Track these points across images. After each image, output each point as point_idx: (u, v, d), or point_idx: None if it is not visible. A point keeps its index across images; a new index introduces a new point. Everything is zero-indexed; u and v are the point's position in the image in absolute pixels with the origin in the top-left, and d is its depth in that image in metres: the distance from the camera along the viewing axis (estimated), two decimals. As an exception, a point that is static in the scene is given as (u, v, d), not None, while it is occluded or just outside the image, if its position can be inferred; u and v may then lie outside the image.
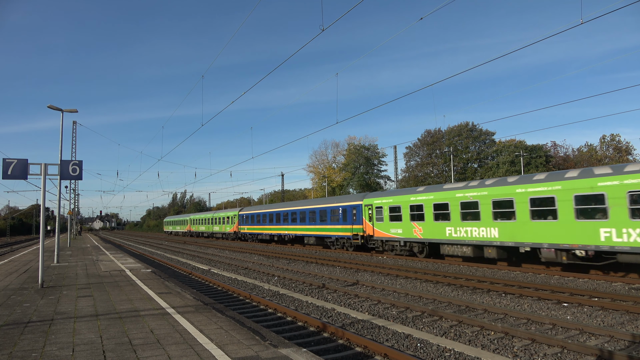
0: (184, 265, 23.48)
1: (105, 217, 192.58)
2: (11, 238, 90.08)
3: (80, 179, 13.25)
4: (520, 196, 17.29)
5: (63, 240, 41.78)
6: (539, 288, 13.21)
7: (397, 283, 15.21)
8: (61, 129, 20.03)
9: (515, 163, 57.24)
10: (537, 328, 9.06)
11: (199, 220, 66.24)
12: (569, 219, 15.59)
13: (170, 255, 32.03)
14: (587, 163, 57.36)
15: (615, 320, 9.58)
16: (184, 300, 10.13)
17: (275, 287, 15.03)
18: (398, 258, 23.40)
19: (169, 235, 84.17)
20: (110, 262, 20.92)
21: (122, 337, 6.76)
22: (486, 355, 7.18)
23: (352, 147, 74.65)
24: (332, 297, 12.92)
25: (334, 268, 20.17)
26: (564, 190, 15.78)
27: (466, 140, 65.09)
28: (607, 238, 14.43)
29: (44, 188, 12.42)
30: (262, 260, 25.15)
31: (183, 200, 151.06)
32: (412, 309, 10.83)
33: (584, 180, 15.34)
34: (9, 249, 43.85)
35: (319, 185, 74.50)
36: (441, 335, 8.64)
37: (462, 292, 13.09)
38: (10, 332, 7.19)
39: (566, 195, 15.66)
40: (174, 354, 5.81)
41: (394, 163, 63.96)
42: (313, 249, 32.60)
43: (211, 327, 7.41)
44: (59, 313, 8.72)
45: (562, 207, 15.82)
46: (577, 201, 15.40)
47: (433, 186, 22.85)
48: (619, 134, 65.63)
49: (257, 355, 5.74)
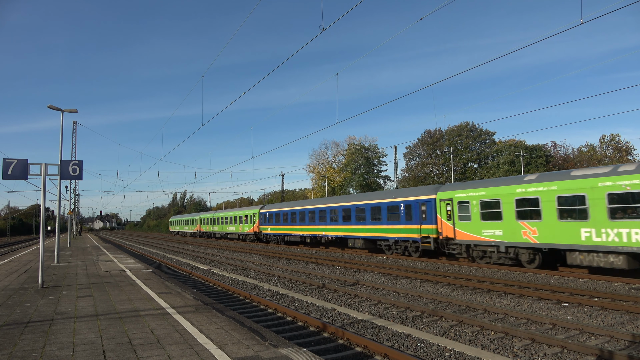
0: (184, 265, 23.49)
1: (105, 217, 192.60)
2: (11, 238, 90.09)
3: (80, 179, 13.25)
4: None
5: (63, 240, 41.78)
6: (539, 288, 13.21)
7: (397, 283, 15.21)
8: (61, 129, 20.04)
9: (515, 163, 57.26)
10: (537, 328, 9.06)
11: (212, 219, 60.06)
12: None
13: (170, 255, 32.03)
14: (587, 163, 57.38)
15: (615, 320, 9.58)
16: (184, 300, 10.13)
17: (275, 287, 15.03)
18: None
19: (175, 235, 79.32)
20: (110, 262, 20.92)
21: (122, 337, 6.76)
22: (486, 355, 7.18)
23: (352, 147, 74.67)
24: (332, 297, 12.92)
25: (334, 268, 20.17)
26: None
27: (466, 140, 65.10)
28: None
29: (44, 188, 12.42)
30: (262, 260, 25.15)
31: (183, 200, 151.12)
32: (412, 309, 10.83)
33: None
34: (9, 249, 43.86)
35: (319, 185, 74.49)
36: (441, 335, 8.64)
37: (462, 292, 13.09)
38: (11, 332, 7.19)
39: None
40: (174, 354, 5.81)
41: (394, 163, 64.01)
42: (313, 249, 32.51)
43: (211, 327, 7.41)
44: (59, 313, 8.72)
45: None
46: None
47: (551, 173, 17.93)
48: (618, 134, 65.74)
49: (257, 355, 5.74)
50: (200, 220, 65.40)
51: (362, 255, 26.47)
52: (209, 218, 61.82)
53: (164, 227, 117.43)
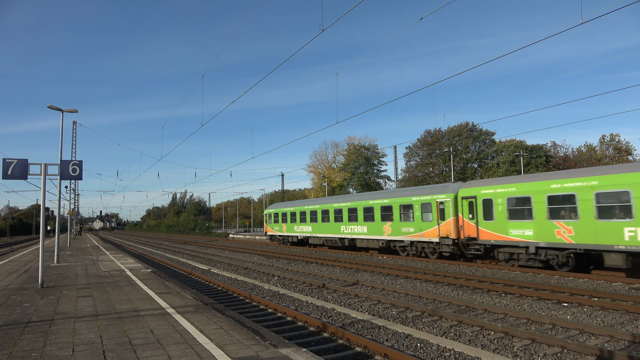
0: (184, 265, 23.49)
1: (105, 217, 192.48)
2: (11, 238, 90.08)
3: (80, 179, 13.26)
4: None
5: (63, 240, 41.77)
6: (539, 288, 13.21)
7: (397, 283, 15.21)
8: (61, 129, 20.04)
9: (515, 163, 57.30)
10: (537, 328, 9.06)
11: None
12: None
13: (170, 255, 32.04)
14: (587, 163, 57.40)
15: (615, 320, 9.58)
16: (184, 300, 10.13)
17: (275, 287, 15.03)
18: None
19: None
20: (110, 262, 20.91)
21: (122, 337, 6.76)
22: (486, 355, 7.18)
23: (352, 147, 74.66)
24: (332, 297, 12.92)
25: (334, 268, 20.17)
26: None
27: (466, 140, 65.12)
28: None
29: (44, 188, 12.42)
30: (262, 260, 25.15)
31: (183, 200, 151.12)
32: (412, 309, 10.83)
33: None
34: (9, 249, 43.85)
35: (319, 185, 74.48)
36: (441, 335, 8.64)
37: (462, 292, 13.09)
38: (10, 332, 7.19)
39: None
40: (174, 354, 5.81)
41: (394, 163, 63.92)
42: (313, 249, 32.48)
43: (211, 327, 7.41)
44: (59, 313, 8.72)
45: None
46: None
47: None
48: (618, 134, 65.63)
49: (257, 355, 5.74)
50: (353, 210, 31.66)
51: (362, 255, 26.45)
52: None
53: (164, 227, 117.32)
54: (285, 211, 36.63)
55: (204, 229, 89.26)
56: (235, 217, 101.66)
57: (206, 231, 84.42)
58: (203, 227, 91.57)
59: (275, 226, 38.65)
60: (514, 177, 19.72)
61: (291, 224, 35.50)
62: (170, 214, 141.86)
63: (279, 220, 37.90)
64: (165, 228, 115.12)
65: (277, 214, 38.20)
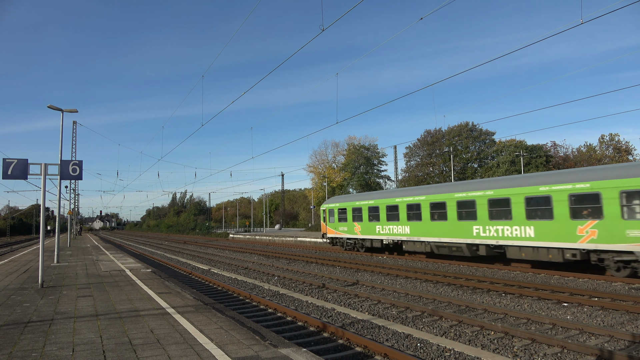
0: (184, 265, 23.50)
1: (105, 217, 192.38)
2: (11, 238, 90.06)
3: (80, 179, 13.25)
4: None
5: (63, 240, 41.77)
6: (539, 288, 13.21)
7: (397, 283, 15.21)
8: (61, 129, 20.04)
9: (515, 163, 57.30)
10: (537, 328, 9.06)
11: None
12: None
13: (170, 255, 32.04)
14: (587, 163, 57.41)
15: (615, 320, 9.58)
16: (184, 300, 10.13)
17: (275, 287, 15.03)
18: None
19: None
20: (110, 262, 20.91)
21: (122, 337, 6.76)
22: (486, 355, 7.18)
23: (352, 147, 74.71)
24: (332, 297, 12.92)
25: (333, 268, 20.16)
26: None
27: (466, 140, 65.13)
28: None
29: (44, 188, 12.42)
30: (262, 260, 25.15)
31: (183, 200, 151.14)
32: (412, 309, 10.83)
33: None
34: (9, 249, 43.85)
35: (319, 185, 74.48)
36: (441, 335, 8.64)
37: (462, 292, 13.09)
38: (10, 332, 7.19)
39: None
40: (174, 354, 5.81)
41: (394, 163, 64.11)
42: (313, 249, 32.46)
43: (211, 327, 7.41)
44: (59, 313, 8.72)
45: None
46: None
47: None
48: (618, 134, 65.69)
49: (257, 355, 5.74)
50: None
51: (362, 255, 26.44)
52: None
53: (164, 227, 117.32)
54: (360, 205, 27.15)
55: (204, 228, 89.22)
56: (235, 217, 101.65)
57: (206, 231, 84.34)
58: (203, 227, 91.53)
59: (340, 226, 28.97)
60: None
61: (371, 223, 26.22)
62: (170, 214, 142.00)
63: (347, 217, 28.24)
64: (165, 228, 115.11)
65: (345, 209, 28.39)
